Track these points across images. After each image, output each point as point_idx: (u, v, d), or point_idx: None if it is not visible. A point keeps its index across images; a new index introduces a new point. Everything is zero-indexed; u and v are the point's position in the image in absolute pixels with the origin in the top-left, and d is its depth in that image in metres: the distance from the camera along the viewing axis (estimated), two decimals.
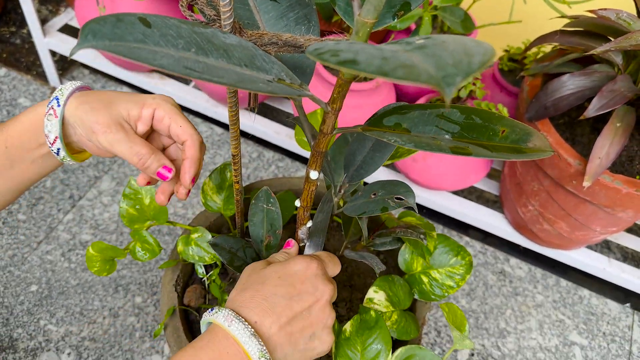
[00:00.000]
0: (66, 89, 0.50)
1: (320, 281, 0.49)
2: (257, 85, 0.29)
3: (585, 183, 0.72)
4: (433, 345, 0.99)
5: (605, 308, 1.08)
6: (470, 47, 0.23)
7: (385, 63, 0.21)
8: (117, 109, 0.49)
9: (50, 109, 0.49)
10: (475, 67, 0.20)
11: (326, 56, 0.23)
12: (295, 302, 0.47)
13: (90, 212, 1.07)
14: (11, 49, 1.35)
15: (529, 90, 0.83)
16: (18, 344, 0.89)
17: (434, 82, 0.19)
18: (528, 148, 0.38)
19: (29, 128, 0.51)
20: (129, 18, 0.30)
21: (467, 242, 1.14)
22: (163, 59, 0.28)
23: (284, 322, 0.46)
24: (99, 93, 0.51)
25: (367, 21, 0.31)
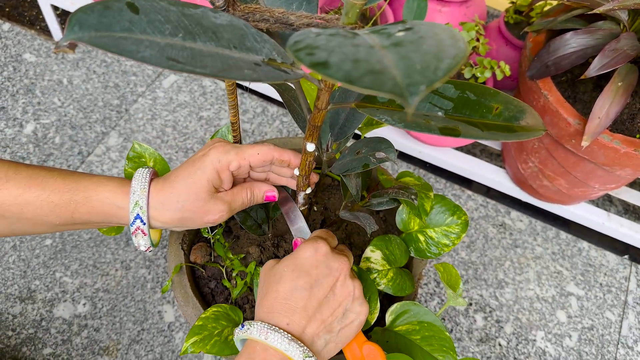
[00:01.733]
0: (142, 199, 0.49)
1: (332, 259, 0.50)
2: (242, 73, 0.30)
3: (584, 143, 0.72)
4: (432, 295, 1.02)
5: (604, 260, 1.10)
6: (444, 47, 0.23)
7: (355, 68, 0.22)
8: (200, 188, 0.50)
9: (136, 228, 0.50)
10: (440, 75, 0.21)
11: (302, 54, 0.24)
12: (316, 289, 0.48)
13: (99, 167, 1.10)
14: (13, 2, 1.34)
15: (532, 47, 0.83)
16: (36, 295, 0.94)
17: (398, 92, 0.20)
18: (520, 126, 0.38)
19: (100, 212, 0.50)
20: (116, 4, 0.30)
21: (470, 195, 1.15)
22: (147, 50, 0.28)
23: (312, 313, 0.47)
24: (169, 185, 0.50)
25: (356, 2, 0.31)
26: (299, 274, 0.48)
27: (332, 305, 0.48)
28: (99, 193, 0.50)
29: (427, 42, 0.24)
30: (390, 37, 0.26)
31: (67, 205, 0.49)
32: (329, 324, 0.48)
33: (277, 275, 0.49)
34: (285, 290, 0.47)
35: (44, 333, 0.91)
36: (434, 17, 1.03)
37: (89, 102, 1.19)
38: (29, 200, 0.48)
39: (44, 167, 0.52)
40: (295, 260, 0.50)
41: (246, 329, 0.46)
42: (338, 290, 0.49)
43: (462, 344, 0.97)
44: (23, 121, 1.14)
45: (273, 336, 0.44)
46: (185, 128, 1.17)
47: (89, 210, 0.50)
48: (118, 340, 0.91)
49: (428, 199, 0.66)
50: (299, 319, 0.46)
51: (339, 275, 0.49)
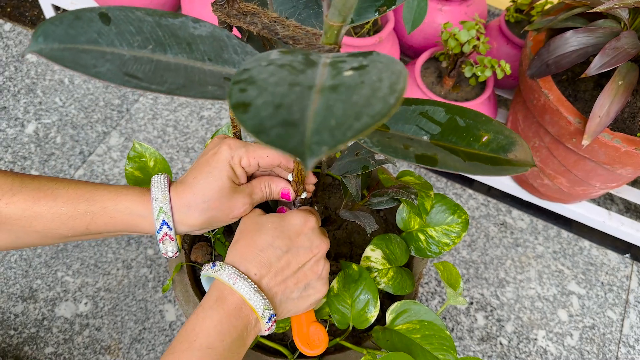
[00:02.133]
0: (165, 204, 0.49)
1: (317, 235, 0.51)
2: (205, 89, 0.29)
3: (584, 142, 0.72)
4: (433, 295, 1.02)
5: (605, 259, 1.10)
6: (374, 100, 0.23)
7: (272, 116, 0.21)
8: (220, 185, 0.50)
9: (163, 235, 0.49)
10: (349, 136, 0.21)
11: (235, 89, 0.23)
12: (292, 255, 0.49)
13: (101, 167, 1.10)
14: (15, 2, 1.35)
15: (532, 45, 0.83)
16: (38, 294, 0.94)
17: (299, 152, 0.20)
18: (506, 159, 0.37)
19: (118, 222, 0.49)
20: (88, 15, 0.30)
21: (471, 194, 1.15)
22: (105, 65, 0.28)
23: (278, 273, 0.48)
24: (188, 186, 0.50)
25: (333, 24, 0.30)
26: (280, 234, 0.49)
27: (298, 275, 0.50)
28: (117, 203, 0.49)
29: (362, 90, 0.24)
30: (336, 77, 0.25)
31: (82, 217, 0.48)
32: (290, 290, 0.49)
33: (258, 225, 0.50)
34: (262, 242, 0.48)
35: (46, 332, 0.91)
36: (434, 16, 1.03)
37: (90, 101, 1.19)
38: (39, 213, 0.47)
39: (51, 177, 0.50)
40: (281, 221, 0.50)
41: (217, 269, 0.47)
42: (309, 265, 0.50)
43: (463, 343, 0.97)
44: (24, 121, 1.15)
45: (240, 283, 0.46)
46: (186, 127, 1.17)
47: (106, 221, 0.49)
48: (120, 340, 0.91)
49: (428, 198, 0.66)
50: (266, 273, 0.48)
51: (317, 253, 0.51)
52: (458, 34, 0.87)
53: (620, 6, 0.65)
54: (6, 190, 0.46)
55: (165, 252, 0.51)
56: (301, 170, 0.50)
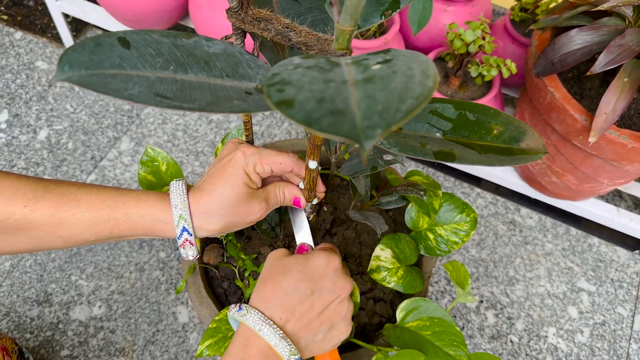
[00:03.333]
0: (185, 211, 0.49)
1: (340, 276, 0.51)
2: (232, 104, 0.30)
3: (591, 139, 0.73)
4: (443, 293, 1.03)
5: (615, 255, 1.10)
6: (411, 85, 0.23)
7: (318, 108, 0.22)
8: (239, 191, 0.51)
9: (184, 241, 0.50)
10: (399, 117, 0.21)
11: (272, 90, 0.24)
12: (316, 298, 0.49)
13: (112, 172, 1.11)
14: (25, 11, 1.37)
15: (537, 44, 0.83)
16: (53, 298, 0.96)
17: (354, 137, 0.21)
18: (520, 149, 0.38)
19: (141, 228, 0.50)
20: (108, 40, 0.30)
21: (479, 193, 1.16)
22: (135, 87, 0.28)
23: (304, 318, 0.49)
24: (206, 193, 0.51)
25: (345, 29, 0.31)
26: (304, 277, 0.49)
27: (322, 317, 0.50)
28: (140, 209, 0.49)
29: (397, 78, 0.24)
30: (366, 71, 0.26)
31: (105, 223, 0.48)
32: (314, 332, 0.50)
33: (284, 267, 0.50)
34: (287, 286, 0.49)
35: (61, 335, 0.92)
36: (439, 17, 1.04)
37: (100, 107, 1.21)
38: (63, 219, 0.47)
39: (73, 182, 0.51)
40: (306, 263, 0.51)
41: (243, 313, 0.48)
42: (333, 306, 0.51)
43: (473, 341, 0.98)
44: (37, 127, 1.17)
45: (266, 330, 0.46)
46: (195, 131, 1.18)
47: (129, 227, 0.49)
48: (134, 342, 0.93)
49: (437, 197, 0.66)
50: (291, 317, 0.48)
51: (340, 294, 0.51)
52: (463, 34, 0.87)
53: (624, 4, 0.65)
54: (30, 196, 0.47)
55: (186, 257, 0.52)
56: (313, 177, 0.51)
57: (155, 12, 1.10)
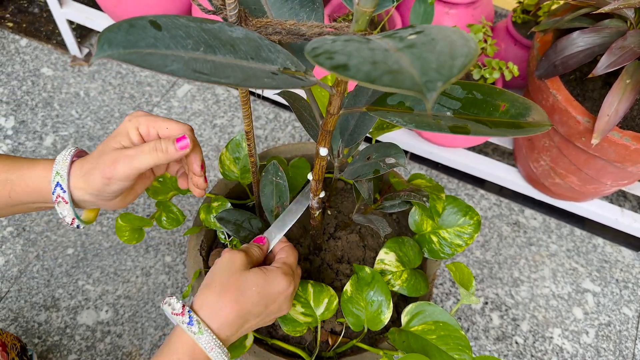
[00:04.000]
0: (63, 168, 0.51)
1: (287, 303, 0.56)
2: (262, 81, 0.32)
3: (594, 140, 0.73)
4: (447, 295, 1.03)
5: (619, 256, 1.10)
6: (456, 47, 0.24)
7: (374, 69, 0.23)
8: (110, 147, 0.51)
9: (57, 197, 0.51)
10: (455, 72, 0.22)
11: (321, 59, 0.25)
12: (261, 320, 0.54)
13: None
14: (30, 18, 1.38)
15: (539, 46, 0.83)
16: (60, 303, 0.97)
17: (417, 89, 0.22)
18: (527, 122, 0.40)
19: (34, 190, 0.52)
20: (140, 22, 0.32)
21: (483, 194, 1.16)
22: (173, 64, 0.30)
23: (242, 331, 0.53)
24: (90, 156, 0.52)
25: (366, 10, 0.33)
26: (260, 300, 0.52)
27: (251, 328, 0.55)
28: (32, 171, 0.51)
29: (439, 43, 0.26)
30: (403, 40, 0.27)
31: (3, 185, 0.51)
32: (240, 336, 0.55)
33: (245, 284, 0.52)
34: (243, 310, 0.51)
35: (69, 340, 0.93)
36: (441, 20, 1.04)
37: (105, 113, 1.22)
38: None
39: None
40: (266, 286, 0.53)
41: (194, 331, 0.49)
42: (262, 324, 0.56)
43: (478, 343, 0.98)
44: (43, 134, 1.17)
45: (217, 352, 0.49)
46: (199, 136, 1.19)
47: (23, 189, 0.51)
48: (140, 346, 0.93)
49: (440, 201, 0.67)
50: (234, 334, 0.52)
51: (279, 315, 0.56)
52: None
53: (625, 6, 0.66)
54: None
55: (62, 218, 0.53)
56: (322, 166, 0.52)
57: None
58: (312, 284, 0.61)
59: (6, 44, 1.32)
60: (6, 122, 1.18)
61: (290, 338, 0.67)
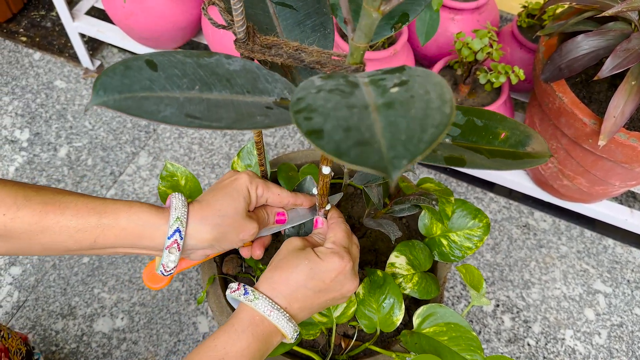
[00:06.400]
0: (183, 214, 0.50)
1: (349, 280, 0.54)
2: (255, 121, 0.32)
3: (600, 142, 0.74)
4: (459, 298, 1.04)
5: (630, 256, 1.10)
6: (430, 112, 0.24)
7: (345, 138, 0.23)
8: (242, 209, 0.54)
9: (173, 242, 0.50)
10: (422, 147, 0.22)
11: (300, 118, 0.25)
12: (322, 295, 0.53)
13: (131, 186, 1.14)
14: (43, 32, 1.41)
15: (545, 50, 0.84)
16: (76, 311, 0.98)
17: (382, 168, 0.22)
18: (525, 153, 0.40)
19: (130, 234, 0.49)
20: (136, 63, 0.32)
21: (492, 197, 1.17)
22: (167, 109, 0.30)
23: (308, 309, 0.53)
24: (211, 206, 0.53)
25: (359, 45, 0.33)
26: (315, 275, 0.52)
27: (322, 306, 0.54)
28: (131, 215, 0.49)
29: (416, 104, 0.25)
30: (385, 95, 0.27)
31: (92, 230, 0.48)
32: (312, 311, 0.54)
33: (296, 260, 0.52)
34: (296, 282, 0.51)
35: (86, 347, 0.95)
36: (447, 26, 1.05)
37: (118, 124, 1.24)
38: (46, 227, 0.46)
39: (57, 189, 0.49)
40: (318, 264, 0.52)
41: (251, 298, 0.50)
42: (335, 299, 0.55)
43: (490, 345, 0.98)
44: (57, 145, 1.20)
45: (275, 315, 0.50)
46: (210, 145, 1.21)
47: (117, 234, 0.49)
48: (156, 352, 0.95)
49: (449, 204, 0.68)
50: (296, 304, 0.52)
51: (345, 294, 0.54)
52: (471, 43, 0.89)
53: (629, 9, 0.67)
54: (10, 204, 0.46)
55: (165, 264, 0.51)
56: (326, 183, 0.53)
57: (170, 31, 1.13)
58: None
59: (20, 58, 1.35)
60: (21, 134, 1.21)
61: (303, 341, 0.68)
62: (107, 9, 1.13)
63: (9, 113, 1.24)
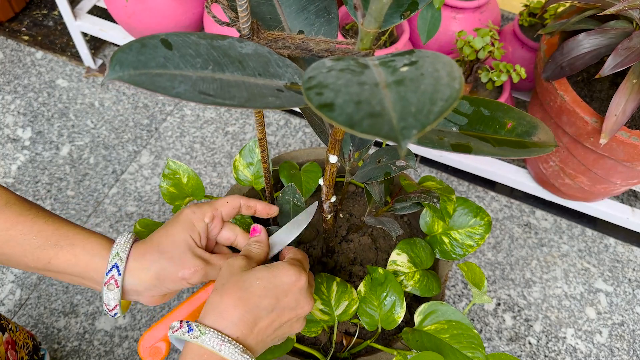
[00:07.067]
0: (123, 251, 0.49)
1: (304, 296, 0.50)
2: (267, 100, 0.32)
3: (602, 140, 0.74)
4: (460, 297, 1.04)
5: (631, 255, 1.10)
6: (440, 87, 0.25)
7: (357, 110, 0.24)
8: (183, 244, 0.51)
9: (110, 278, 0.49)
10: (432, 118, 0.23)
11: (312, 94, 0.26)
12: (276, 315, 0.48)
13: (133, 185, 1.14)
14: (45, 31, 1.41)
15: (546, 49, 0.84)
16: (79, 309, 0.99)
17: (393, 137, 0.22)
18: (532, 142, 0.40)
19: (79, 263, 0.50)
20: (152, 42, 0.33)
21: (493, 196, 1.17)
22: (181, 86, 0.31)
23: (261, 334, 0.48)
24: (151, 244, 0.51)
25: (370, 31, 0.33)
26: (267, 293, 0.48)
27: (278, 332, 0.50)
28: (87, 243, 0.50)
29: (426, 80, 0.26)
30: (395, 73, 0.28)
31: (49, 249, 0.49)
32: (267, 344, 0.50)
33: (245, 282, 0.48)
34: (249, 304, 0.47)
35: (88, 345, 0.95)
36: (448, 25, 1.05)
37: (120, 122, 1.24)
38: (13, 236, 0.48)
39: (34, 204, 0.51)
40: (271, 279, 0.49)
41: (196, 335, 0.45)
42: (290, 323, 0.50)
43: (492, 344, 0.99)
44: (59, 144, 1.20)
45: (227, 348, 0.44)
46: (212, 143, 1.21)
47: (69, 259, 0.49)
48: None
49: (450, 202, 0.68)
50: (249, 333, 0.47)
51: (300, 314, 0.50)
52: (472, 42, 0.89)
53: (631, 7, 0.67)
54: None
55: (106, 302, 0.49)
56: (332, 173, 0.53)
57: (172, 30, 1.13)
58: (339, 282, 0.63)
59: (22, 57, 1.35)
60: (24, 133, 1.21)
61: (305, 339, 0.68)
62: (109, 8, 1.13)
63: (11, 112, 1.25)
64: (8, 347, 0.73)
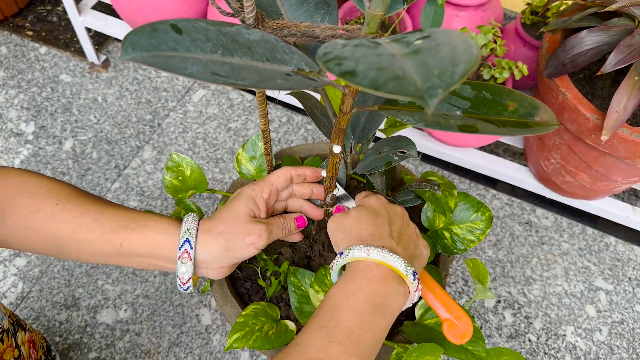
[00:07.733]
0: (192, 227, 0.54)
1: (391, 206, 0.56)
2: (276, 82, 0.33)
3: (603, 137, 0.74)
4: (461, 294, 1.04)
5: (632, 254, 1.10)
6: (459, 53, 0.26)
7: (380, 75, 0.25)
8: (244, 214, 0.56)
9: (183, 252, 0.53)
10: (457, 78, 0.24)
11: (331, 65, 0.27)
12: (393, 224, 0.54)
13: (136, 180, 1.15)
14: (49, 26, 1.42)
15: (548, 46, 0.85)
16: (80, 302, 0.99)
17: (419, 96, 0.23)
18: (534, 122, 0.41)
19: (152, 242, 0.54)
20: (162, 26, 0.34)
21: (494, 194, 1.17)
22: (193, 67, 0.32)
23: (394, 240, 0.52)
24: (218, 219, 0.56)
25: (376, 13, 0.34)
26: (375, 214, 0.53)
27: (406, 237, 0.54)
28: (157, 225, 0.54)
29: (443, 49, 0.27)
30: (410, 46, 0.29)
31: (121, 232, 0.53)
32: (410, 250, 0.53)
33: (353, 219, 0.53)
34: (369, 226, 0.52)
35: (89, 338, 0.96)
36: (451, 22, 1.06)
37: (123, 118, 1.25)
38: (84, 223, 0.52)
39: (100, 197, 0.57)
40: (365, 207, 0.55)
41: (346, 253, 0.50)
42: (405, 226, 0.55)
43: (492, 341, 0.99)
44: (62, 138, 1.21)
45: (375, 252, 0.48)
46: (215, 139, 1.22)
47: (140, 239, 0.53)
48: (158, 344, 0.95)
49: (452, 197, 0.68)
50: (390, 242, 0.51)
51: (402, 216, 0.56)
52: (475, 39, 0.89)
53: (633, 4, 0.67)
54: (62, 197, 0.53)
55: (181, 275, 0.55)
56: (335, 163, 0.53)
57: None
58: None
59: (26, 52, 1.36)
60: (27, 127, 1.22)
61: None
62: (114, 4, 1.14)
63: (15, 106, 1.25)
64: (30, 345, 0.74)
